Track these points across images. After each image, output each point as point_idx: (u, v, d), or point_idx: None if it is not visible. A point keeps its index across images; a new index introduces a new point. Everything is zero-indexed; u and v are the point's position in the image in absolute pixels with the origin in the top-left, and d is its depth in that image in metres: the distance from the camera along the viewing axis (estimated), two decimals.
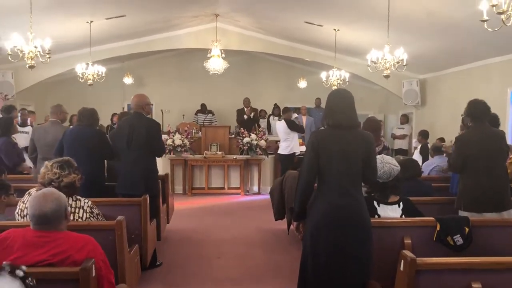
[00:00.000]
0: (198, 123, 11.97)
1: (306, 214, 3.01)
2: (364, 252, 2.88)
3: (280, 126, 9.00)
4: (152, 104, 5.06)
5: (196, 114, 12.72)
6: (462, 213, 3.90)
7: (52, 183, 3.14)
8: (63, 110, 5.65)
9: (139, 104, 4.75)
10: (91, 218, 3.28)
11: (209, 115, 12.59)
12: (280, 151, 8.95)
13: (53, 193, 2.50)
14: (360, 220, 2.88)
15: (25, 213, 3.17)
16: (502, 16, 3.66)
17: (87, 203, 3.30)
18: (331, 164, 2.88)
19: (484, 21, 3.87)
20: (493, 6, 3.65)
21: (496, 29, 3.91)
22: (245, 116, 11.42)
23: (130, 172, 4.59)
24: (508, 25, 3.70)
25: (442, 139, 8.71)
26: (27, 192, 3.33)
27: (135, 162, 4.59)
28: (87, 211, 3.27)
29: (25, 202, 3.22)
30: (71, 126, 6.91)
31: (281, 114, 9.72)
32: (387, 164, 3.32)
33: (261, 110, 13.10)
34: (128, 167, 4.62)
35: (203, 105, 12.79)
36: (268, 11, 8.92)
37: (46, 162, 3.28)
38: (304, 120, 11.34)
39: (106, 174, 5.09)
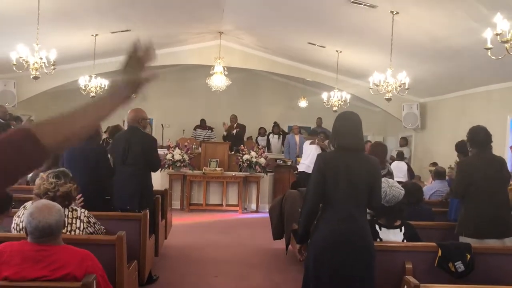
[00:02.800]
0: (197, 138, 11.95)
1: (310, 237, 3.00)
2: (367, 277, 2.86)
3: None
4: (149, 119, 5.06)
5: (195, 129, 12.71)
6: (463, 239, 3.88)
7: (48, 193, 3.07)
8: None
9: (135, 119, 4.76)
10: (89, 228, 3.24)
11: (208, 131, 12.59)
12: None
13: (55, 205, 2.49)
14: (364, 245, 2.87)
15: (20, 227, 3.11)
16: (506, 45, 3.70)
17: (83, 213, 3.26)
18: (337, 187, 2.87)
19: (488, 49, 3.92)
20: (497, 34, 3.70)
21: (500, 57, 3.96)
22: (225, 133, 11.34)
23: (125, 187, 4.58)
24: None
25: (435, 164, 8.70)
26: (22, 206, 3.26)
27: (130, 177, 4.59)
28: (84, 221, 3.23)
29: (20, 216, 3.14)
30: None
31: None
32: (394, 188, 3.33)
33: (260, 128, 13.13)
34: (123, 181, 4.61)
35: (202, 121, 12.80)
36: (272, 31, 9.02)
37: (41, 173, 3.23)
38: (297, 139, 11.34)
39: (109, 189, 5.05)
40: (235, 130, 11.33)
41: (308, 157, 8.70)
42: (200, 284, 4.81)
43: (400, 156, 9.32)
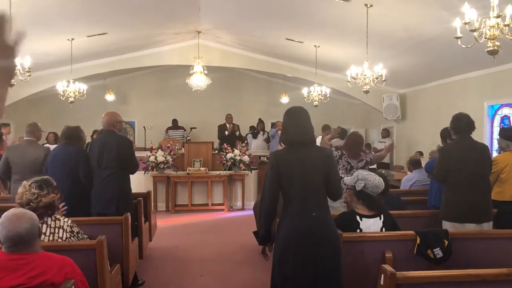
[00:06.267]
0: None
1: (273, 236, 2.99)
2: (333, 270, 2.85)
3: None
4: (124, 121, 5.05)
5: (166, 131, 12.68)
6: (445, 223, 4.00)
7: (31, 203, 3.04)
8: (38, 129, 5.47)
9: (109, 122, 4.74)
10: (72, 238, 3.22)
11: (180, 130, 12.57)
12: None
13: (26, 213, 2.44)
14: (326, 238, 2.85)
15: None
16: (475, 34, 3.77)
17: (66, 222, 3.24)
18: (292, 183, 2.86)
19: (457, 38, 3.98)
20: (466, 23, 3.77)
21: (469, 46, 4.02)
22: (226, 132, 11.32)
23: (102, 191, 4.57)
24: (480, 42, 3.81)
25: (420, 153, 8.86)
26: (4, 214, 3.24)
27: (107, 181, 4.58)
28: (67, 230, 3.21)
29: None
30: (46, 145, 6.80)
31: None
32: (378, 177, 3.40)
33: (251, 126, 13.13)
34: (100, 186, 4.60)
35: (174, 121, 12.78)
36: (250, 28, 9.03)
37: (24, 182, 3.18)
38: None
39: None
40: (237, 132, 11.33)
41: None
42: (186, 284, 4.82)
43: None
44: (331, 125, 12.00)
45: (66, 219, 3.26)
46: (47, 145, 7.60)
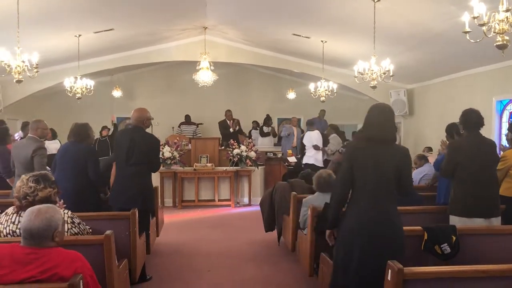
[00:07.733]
0: (182, 135, 11.92)
1: (340, 222, 3.10)
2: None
3: (314, 137, 9.29)
4: (153, 118, 5.05)
5: (179, 126, 12.72)
6: (453, 218, 3.99)
7: (27, 197, 3.05)
8: (41, 126, 5.07)
9: (139, 119, 4.73)
10: (73, 229, 3.25)
11: (192, 126, 12.58)
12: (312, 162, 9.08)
13: (47, 212, 2.47)
14: (392, 233, 2.93)
15: (4, 234, 3.10)
16: (484, 28, 3.74)
17: (67, 213, 3.26)
18: (365, 177, 2.95)
19: (466, 32, 3.95)
20: (474, 18, 3.73)
21: (478, 40, 3.99)
22: (231, 130, 11.20)
23: (127, 187, 4.58)
24: (489, 36, 3.78)
25: (429, 148, 8.81)
26: (4, 213, 3.24)
27: (133, 176, 4.58)
28: (68, 221, 3.23)
29: (2, 222, 3.14)
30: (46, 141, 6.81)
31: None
32: None
33: (253, 121, 13.16)
34: (125, 181, 4.60)
35: (187, 116, 12.81)
36: (256, 24, 9.00)
37: (23, 176, 3.19)
38: (295, 131, 11.43)
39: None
40: (237, 127, 11.30)
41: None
42: (193, 279, 4.83)
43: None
44: (337, 122, 12.02)
45: (66, 211, 3.28)
46: (46, 142, 7.61)
